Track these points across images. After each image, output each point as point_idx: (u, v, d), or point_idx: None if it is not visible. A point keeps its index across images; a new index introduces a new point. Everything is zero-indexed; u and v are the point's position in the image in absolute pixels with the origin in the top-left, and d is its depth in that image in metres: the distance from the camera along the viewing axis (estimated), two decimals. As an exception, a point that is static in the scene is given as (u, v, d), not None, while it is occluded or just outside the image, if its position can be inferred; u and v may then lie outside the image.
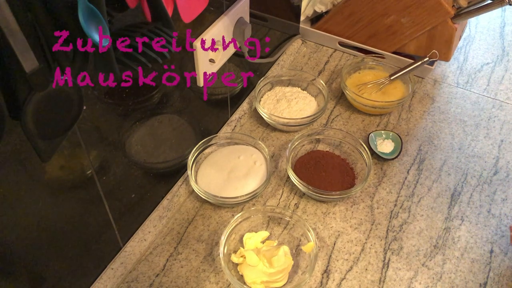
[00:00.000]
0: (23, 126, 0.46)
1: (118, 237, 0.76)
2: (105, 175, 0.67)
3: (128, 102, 0.67)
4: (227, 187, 0.86)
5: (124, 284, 0.77)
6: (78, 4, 0.44)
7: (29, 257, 0.59)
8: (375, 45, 1.13)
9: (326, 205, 0.88)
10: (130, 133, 0.70)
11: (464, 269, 0.80)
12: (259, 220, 0.84)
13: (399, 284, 0.78)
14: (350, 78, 1.09)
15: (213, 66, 0.82)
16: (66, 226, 0.64)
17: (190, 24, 0.67)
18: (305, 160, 0.93)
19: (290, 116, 0.99)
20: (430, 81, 1.14)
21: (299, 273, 0.78)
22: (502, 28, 1.31)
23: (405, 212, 0.87)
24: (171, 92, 0.76)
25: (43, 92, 0.46)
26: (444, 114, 1.06)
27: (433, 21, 1.03)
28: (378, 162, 0.96)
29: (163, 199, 0.84)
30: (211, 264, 0.80)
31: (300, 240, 0.82)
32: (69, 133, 0.53)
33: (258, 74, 1.07)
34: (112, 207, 0.71)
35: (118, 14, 0.56)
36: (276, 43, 1.12)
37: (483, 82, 1.14)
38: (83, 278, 0.71)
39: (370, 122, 1.03)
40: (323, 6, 1.15)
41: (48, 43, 0.46)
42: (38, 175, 0.56)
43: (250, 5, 0.87)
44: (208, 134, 0.92)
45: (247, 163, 0.90)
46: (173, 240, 0.83)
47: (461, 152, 0.98)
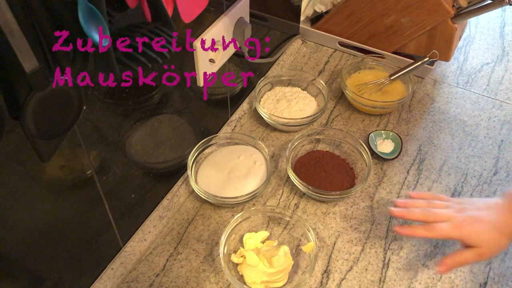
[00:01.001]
0: (23, 126, 0.46)
1: (118, 237, 0.76)
2: (105, 175, 0.67)
3: (128, 102, 0.67)
4: (227, 187, 0.86)
5: (124, 284, 0.77)
6: (78, 4, 0.44)
7: (29, 257, 0.59)
8: (375, 45, 1.13)
9: (326, 205, 0.88)
10: (130, 133, 0.70)
11: (464, 269, 0.80)
12: (259, 220, 0.84)
13: (399, 284, 0.78)
14: (350, 78, 1.09)
15: (213, 66, 0.82)
16: (66, 226, 0.64)
17: (190, 24, 0.67)
18: (305, 160, 0.93)
19: (290, 116, 0.99)
20: (430, 81, 1.14)
21: (299, 273, 0.78)
22: (502, 28, 1.31)
23: (405, 212, 0.87)
24: (171, 92, 0.76)
25: (43, 92, 0.46)
26: (444, 114, 1.06)
27: (433, 21, 1.03)
28: (378, 162, 0.96)
29: (163, 199, 0.84)
30: (211, 264, 0.80)
31: (300, 240, 0.82)
32: (69, 133, 0.53)
33: (258, 74, 1.07)
34: (112, 207, 0.71)
35: (118, 14, 0.56)
36: (276, 43, 1.12)
37: (483, 82, 1.14)
38: (83, 278, 0.71)
39: (370, 122, 1.03)
40: (323, 6, 1.15)
41: (48, 43, 0.46)
42: (38, 175, 0.56)
43: (250, 5, 0.87)
44: (208, 134, 0.92)
45: (247, 163, 0.90)
46: (173, 240, 0.83)
47: (461, 152, 0.98)
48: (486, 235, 0.68)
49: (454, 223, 0.70)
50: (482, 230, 0.68)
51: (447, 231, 0.69)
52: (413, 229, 0.71)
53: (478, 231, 0.69)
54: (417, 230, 0.71)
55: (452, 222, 0.70)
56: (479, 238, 0.68)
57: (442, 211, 0.72)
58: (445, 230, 0.69)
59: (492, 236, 0.68)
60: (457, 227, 0.69)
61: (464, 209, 0.72)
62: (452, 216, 0.71)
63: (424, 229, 0.70)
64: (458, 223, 0.69)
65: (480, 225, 0.69)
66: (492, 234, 0.68)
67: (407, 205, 0.74)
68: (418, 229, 0.71)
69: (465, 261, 0.70)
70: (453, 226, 0.69)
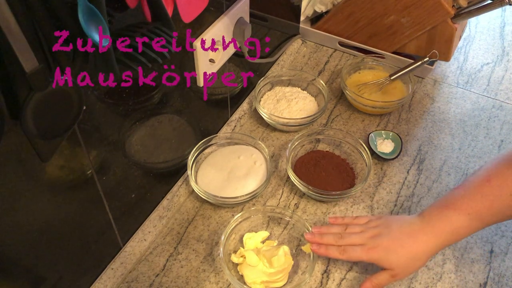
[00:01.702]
0: (23, 126, 0.46)
1: (118, 237, 0.76)
2: (105, 175, 0.67)
3: (128, 102, 0.67)
4: (227, 187, 0.86)
5: (124, 284, 0.77)
6: (78, 4, 0.44)
7: (29, 257, 0.59)
8: (375, 45, 1.13)
9: (326, 205, 0.88)
10: (130, 133, 0.70)
11: (464, 269, 0.80)
12: (259, 220, 0.84)
13: (399, 284, 0.78)
14: (350, 78, 1.09)
15: (213, 66, 0.82)
16: (66, 226, 0.64)
17: (190, 24, 0.67)
18: (305, 160, 0.93)
19: (290, 116, 0.99)
20: (430, 81, 1.14)
21: (299, 273, 0.78)
22: (502, 28, 1.31)
23: (405, 212, 0.87)
24: (171, 92, 0.76)
25: (43, 92, 0.46)
26: (444, 114, 1.06)
27: (433, 21, 1.03)
28: (378, 162, 0.96)
29: (163, 199, 0.84)
30: (211, 264, 0.80)
31: (300, 240, 0.82)
32: (69, 133, 0.53)
33: (258, 74, 1.07)
34: (112, 207, 0.71)
35: (118, 14, 0.56)
36: (276, 43, 1.12)
37: (483, 82, 1.14)
38: (83, 278, 0.71)
39: (370, 122, 1.03)
40: (323, 6, 1.15)
41: (48, 43, 0.46)
42: (38, 175, 0.56)
43: (250, 5, 0.87)
44: (208, 134, 0.92)
45: (247, 163, 0.90)
46: (173, 240, 0.83)
47: (461, 152, 0.98)
48: (398, 260, 0.71)
49: (365, 248, 0.72)
50: (394, 257, 0.71)
51: (358, 254, 0.72)
52: (328, 250, 0.74)
53: (390, 257, 0.71)
54: (331, 251, 0.74)
55: (364, 246, 0.73)
56: (391, 263, 0.71)
57: (356, 236, 0.74)
58: (357, 253, 0.72)
59: (403, 261, 0.71)
60: (368, 252, 0.72)
61: (379, 234, 0.73)
62: (364, 242, 0.73)
63: (338, 251, 0.74)
64: (369, 249, 0.72)
65: (392, 253, 0.71)
66: (404, 260, 0.71)
67: (321, 231, 0.77)
68: (332, 250, 0.74)
69: (381, 282, 0.72)
70: (365, 251, 0.72)
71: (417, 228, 0.72)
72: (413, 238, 0.71)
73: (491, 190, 0.69)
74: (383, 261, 0.71)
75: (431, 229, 0.71)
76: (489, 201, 0.69)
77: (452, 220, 0.70)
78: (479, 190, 0.70)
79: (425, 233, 0.71)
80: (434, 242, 0.70)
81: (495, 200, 0.69)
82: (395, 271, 0.71)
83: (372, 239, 0.73)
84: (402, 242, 0.71)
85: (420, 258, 0.71)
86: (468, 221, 0.69)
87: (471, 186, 0.72)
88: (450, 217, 0.70)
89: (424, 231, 0.71)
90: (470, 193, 0.71)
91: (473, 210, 0.69)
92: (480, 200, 0.69)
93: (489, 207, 0.69)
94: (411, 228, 0.72)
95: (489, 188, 0.69)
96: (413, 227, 0.72)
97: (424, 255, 0.71)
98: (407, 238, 0.71)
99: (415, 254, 0.71)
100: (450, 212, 0.70)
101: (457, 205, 0.71)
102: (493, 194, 0.69)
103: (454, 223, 0.70)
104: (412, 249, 0.70)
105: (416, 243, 0.71)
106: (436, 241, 0.70)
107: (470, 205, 0.70)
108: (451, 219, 0.70)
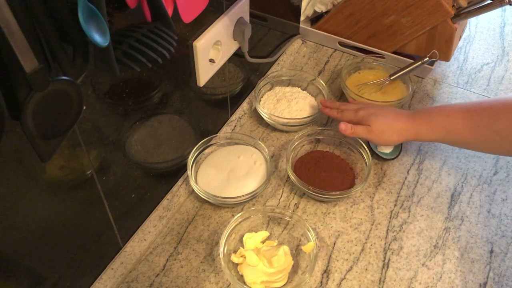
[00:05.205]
0: (23, 126, 0.46)
1: (118, 237, 0.76)
2: (105, 175, 0.67)
3: (128, 102, 0.67)
4: (227, 187, 0.86)
5: (124, 284, 0.77)
6: (78, 4, 0.44)
7: (29, 257, 0.59)
8: (375, 45, 1.13)
9: (326, 205, 0.88)
10: (130, 133, 0.70)
11: (464, 269, 0.80)
12: (259, 220, 0.84)
13: (399, 284, 0.78)
14: (350, 78, 1.09)
15: (213, 66, 0.82)
16: (66, 226, 0.64)
17: (190, 24, 0.67)
18: (305, 160, 0.93)
19: (290, 116, 0.99)
20: (430, 81, 1.14)
21: (299, 273, 0.78)
22: (502, 28, 1.31)
23: (405, 212, 0.88)
24: (171, 92, 0.76)
25: (43, 92, 0.46)
26: (444, 114, 1.06)
27: (433, 21, 1.03)
28: (378, 162, 0.96)
29: (163, 199, 0.84)
30: (211, 264, 0.80)
31: (300, 240, 0.82)
32: (69, 133, 0.53)
33: (258, 74, 1.07)
34: (112, 207, 0.71)
35: (118, 14, 0.56)
36: (276, 43, 1.12)
37: (483, 82, 1.14)
38: (83, 278, 0.71)
39: (370, 122, 1.03)
40: (323, 6, 1.15)
41: (48, 43, 0.46)
42: (38, 175, 0.56)
43: (250, 5, 0.87)
44: (208, 134, 0.92)
45: (247, 163, 0.90)
46: (173, 240, 0.83)
47: (461, 152, 0.98)
48: (379, 122, 0.86)
49: (357, 112, 0.89)
50: (377, 119, 0.86)
51: (351, 115, 0.90)
52: (330, 111, 0.94)
53: (373, 118, 0.86)
54: (332, 112, 0.94)
55: (357, 110, 0.90)
56: (373, 122, 0.86)
57: (354, 106, 0.92)
58: (349, 114, 0.90)
59: (382, 124, 0.86)
60: (358, 112, 0.89)
61: (373, 108, 0.89)
62: (359, 111, 0.89)
63: (336, 112, 0.93)
64: (361, 108, 0.89)
65: (376, 117, 0.86)
66: (383, 125, 0.86)
67: (329, 105, 0.96)
68: (333, 111, 0.94)
69: (357, 130, 0.88)
70: (355, 111, 0.89)
71: (404, 113, 0.87)
72: (398, 116, 0.86)
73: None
74: (367, 119, 0.87)
75: (412, 117, 0.85)
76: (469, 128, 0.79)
77: (431, 116, 0.83)
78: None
79: (408, 117, 0.86)
80: (410, 125, 0.85)
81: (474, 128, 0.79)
82: (372, 128, 0.86)
83: (366, 110, 0.89)
84: (387, 115, 0.87)
85: (395, 132, 0.86)
86: (443, 124, 0.82)
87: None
88: (431, 115, 0.84)
89: (407, 116, 0.86)
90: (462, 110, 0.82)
91: (451, 122, 0.81)
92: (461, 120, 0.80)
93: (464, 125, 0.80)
94: (403, 113, 0.87)
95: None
96: (406, 114, 0.87)
97: (400, 132, 0.85)
98: (392, 115, 0.87)
99: (392, 126, 0.86)
100: (435, 112, 0.84)
101: (445, 111, 0.83)
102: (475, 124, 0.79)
103: (432, 120, 0.83)
104: (393, 122, 0.86)
105: (397, 121, 0.86)
106: (412, 124, 0.84)
107: (449, 115, 0.81)
108: (431, 115, 0.84)
